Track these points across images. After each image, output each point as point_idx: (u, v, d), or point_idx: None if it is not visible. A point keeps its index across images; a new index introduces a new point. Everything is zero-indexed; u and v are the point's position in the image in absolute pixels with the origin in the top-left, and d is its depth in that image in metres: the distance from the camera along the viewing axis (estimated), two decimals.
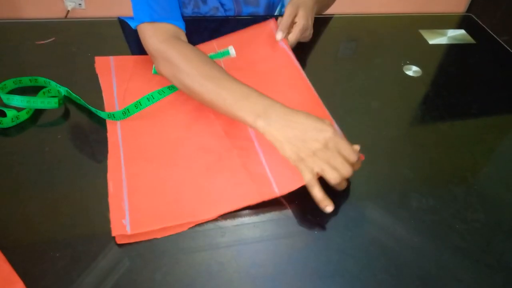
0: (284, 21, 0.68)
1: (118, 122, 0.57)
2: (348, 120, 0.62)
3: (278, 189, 0.49)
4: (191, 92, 0.57)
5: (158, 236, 0.46)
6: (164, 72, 0.60)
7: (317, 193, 0.48)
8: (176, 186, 0.50)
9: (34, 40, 0.71)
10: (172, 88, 0.61)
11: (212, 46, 0.72)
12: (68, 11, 1.75)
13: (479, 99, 0.69)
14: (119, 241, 0.45)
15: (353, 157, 0.49)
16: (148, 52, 0.63)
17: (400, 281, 0.44)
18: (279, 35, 0.68)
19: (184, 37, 0.65)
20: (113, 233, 0.45)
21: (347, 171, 0.48)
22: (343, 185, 0.50)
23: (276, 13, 0.89)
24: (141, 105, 0.58)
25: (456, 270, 0.46)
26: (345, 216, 0.50)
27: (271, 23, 0.74)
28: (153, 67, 0.65)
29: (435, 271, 0.45)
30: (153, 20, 0.62)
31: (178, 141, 0.56)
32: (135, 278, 0.42)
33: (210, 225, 0.47)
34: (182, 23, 0.65)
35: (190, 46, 0.61)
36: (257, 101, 0.52)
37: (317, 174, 0.48)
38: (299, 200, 0.50)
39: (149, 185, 0.50)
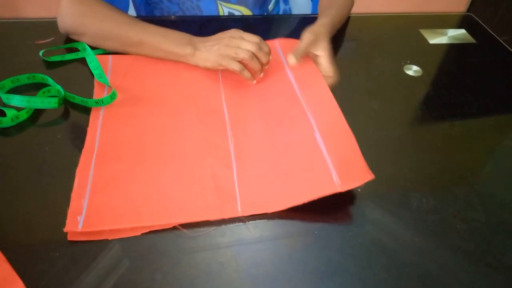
0: (301, 47, 0.62)
1: (100, 120, 0.57)
2: (348, 120, 0.61)
3: (241, 210, 0.48)
4: (115, 37, 0.65)
5: (110, 238, 0.45)
6: (77, 25, 0.66)
7: (246, 74, 0.62)
8: (140, 188, 0.49)
9: (34, 39, 0.71)
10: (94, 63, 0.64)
11: None
12: None
13: (479, 99, 0.69)
14: (70, 237, 0.44)
15: (254, 39, 0.62)
16: (63, 16, 0.67)
17: (400, 281, 0.44)
18: (292, 60, 0.61)
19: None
20: (66, 229, 0.44)
21: (251, 47, 0.60)
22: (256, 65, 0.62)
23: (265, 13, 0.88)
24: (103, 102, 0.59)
25: (456, 270, 0.46)
26: (345, 216, 0.50)
27: (275, 42, 0.73)
28: (41, 52, 0.67)
29: (435, 271, 0.45)
30: None
31: (154, 144, 0.55)
32: (135, 278, 0.42)
33: (210, 225, 0.47)
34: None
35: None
36: (180, 35, 0.65)
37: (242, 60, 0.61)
38: None
39: (113, 185, 0.49)
